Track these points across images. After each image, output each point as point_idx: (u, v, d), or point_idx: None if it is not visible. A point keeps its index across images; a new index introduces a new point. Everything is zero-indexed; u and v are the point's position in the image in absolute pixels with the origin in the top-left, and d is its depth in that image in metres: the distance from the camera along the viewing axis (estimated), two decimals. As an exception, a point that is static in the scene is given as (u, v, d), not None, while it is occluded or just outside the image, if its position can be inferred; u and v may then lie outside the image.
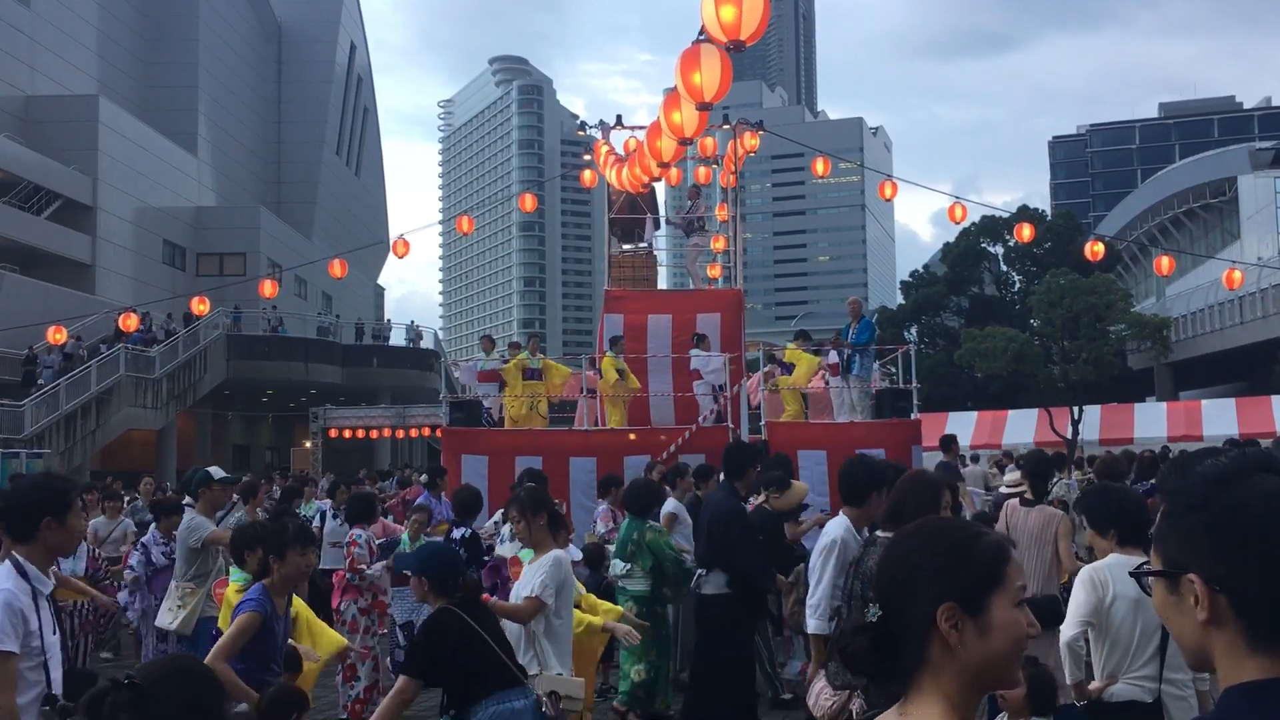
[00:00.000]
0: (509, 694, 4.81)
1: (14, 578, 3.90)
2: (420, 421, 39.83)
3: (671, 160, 13.07)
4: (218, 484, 8.51)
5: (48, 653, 3.91)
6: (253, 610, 5.18)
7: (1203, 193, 73.95)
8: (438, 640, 4.87)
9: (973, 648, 1.80)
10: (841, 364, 15.78)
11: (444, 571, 5.00)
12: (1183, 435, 28.86)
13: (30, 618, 3.85)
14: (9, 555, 3.99)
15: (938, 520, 2.09)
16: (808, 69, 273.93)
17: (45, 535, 3.98)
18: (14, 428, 28.71)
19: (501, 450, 14.36)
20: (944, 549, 1.86)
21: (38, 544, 3.98)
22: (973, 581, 1.82)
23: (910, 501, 4.72)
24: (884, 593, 1.89)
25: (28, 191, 39.86)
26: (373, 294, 73.19)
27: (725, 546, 7.55)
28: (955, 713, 1.81)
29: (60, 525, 3.99)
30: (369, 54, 77.75)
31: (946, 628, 1.80)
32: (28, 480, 4.15)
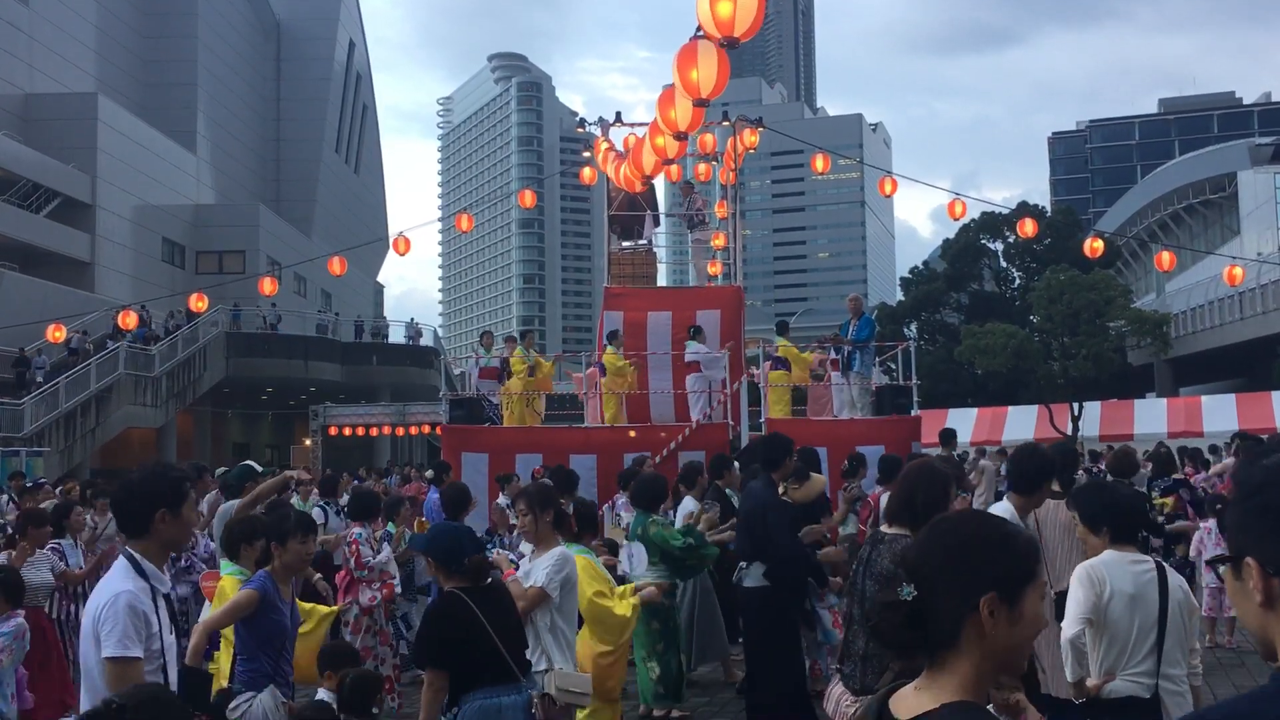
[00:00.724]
0: (498, 689, 4.74)
1: (132, 576, 3.74)
2: (420, 419, 39.83)
3: (674, 158, 13.07)
4: (262, 478, 8.60)
5: (166, 654, 3.76)
6: (253, 588, 5.30)
7: (1202, 188, 73.94)
8: (439, 626, 4.85)
9: (1003, 634, 1.97)
10: (842, 361, 15.78)
11: (449, 551, 4.97)
12: (1182, 431, 28.85)
13: (152, 619, 3.70)
14: (124, 552, 3.84)
15: (979, 514, 2.27)
16: (807, 65, 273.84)
17: (159, 529, 3.81)
18: (13, 426, 28.71)
19: (501, 448, 14.37)
20: (990, 542, 2.04)
21: (152, 539, 3.81)
22: (1013, 574, 2.00)
23: (920, 495, 4.68)
24: (921, 574, 2.03)
25: (27, 189, 39.84)
26: (372, 291, 73.20)
27: (764, 538, 7.49)
28: (973, 690, 1.98)
29: (175, 518, 3.83)
30: (368, 51, 77.74)
31: (986, 614, 1.96)
32: (139, 472, 3.96)
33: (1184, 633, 4.54)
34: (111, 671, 3.58)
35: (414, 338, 50.16)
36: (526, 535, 6.19)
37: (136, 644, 3.60)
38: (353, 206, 72.04)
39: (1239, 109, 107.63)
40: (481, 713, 4.72)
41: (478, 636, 4.72)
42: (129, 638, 3.59)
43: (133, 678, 3.58)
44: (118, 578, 3.75)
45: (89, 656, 3.68)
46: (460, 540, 5.04)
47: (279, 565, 5.42)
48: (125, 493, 3.90)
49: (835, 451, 13.01)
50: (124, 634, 3.59)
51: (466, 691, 4.78)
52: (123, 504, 3.89)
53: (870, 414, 15.36)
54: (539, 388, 16.28)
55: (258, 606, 5.26)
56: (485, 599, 4.85)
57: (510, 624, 4.91)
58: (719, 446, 13.97)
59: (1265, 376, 41.80)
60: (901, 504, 4.74)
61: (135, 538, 3.82)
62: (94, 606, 3.70)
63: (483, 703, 4.73)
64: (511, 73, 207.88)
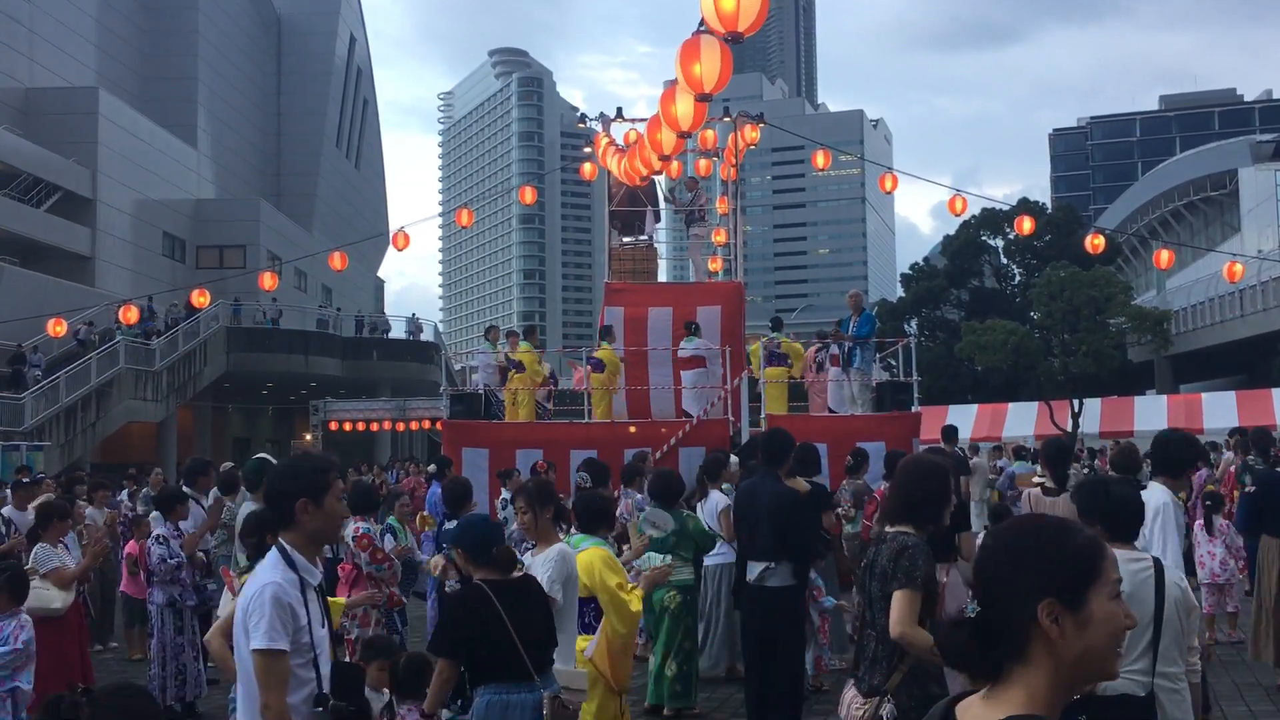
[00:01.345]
0: (510, 687, 4.73)
1: (282, 568, 3.70)
2: (420, 414, 39.87)
3: (673, 153, 13.06)
4: None
5: (317, 648, 3.72)
6: None
7: (1203, 185, 73.91)
8: (457, 618, 4.86)
9: (1072, 641, 1.88)
10: (842, 357, 15.78)
11: (477, 542, 5.00)
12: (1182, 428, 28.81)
13: (300, 612, 3.65)
14: (276, 543, 3.82)
15: (1032, 518, 2.11)
16: (808, 61, 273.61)
17: (303, 520, 3.75)
18: (14, 420, 28.71)
19: (502, 443, 14.37)
20: (1041, 546, 1.93)
21: (298, 530, 3.77)
22: (1071, 577, 1.90)
23: (919, 492, 4.62)
24: (982, 589, 1.96)
25: (27, 184, 39.80)
26: (373, 287, 73.18)
27: (794, 535, 7.37)
28: (1043, 703, 1.89)
29: (317, 509, 3.76)
30: (369, 46, 77.65)
31: (1048, 623, 1.87)
32: (283, 462, 3.97)
33: (1181, 631, 4.53)
34: (259, 664, 3.58)
35: (414, 333, 50.18)
36: (526, 532, 6.18)
37: (283, 636, 3.57)
38: (353, 201, 72.01)
39: (1240, 106, 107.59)
40: (489, 709, 4.72)
41: (495, 631, 4.70)
42: (275, 630, 3.56)
43: (280, 671, 3.57)
44: (267, 569, 3.73)
45: (241, 649, 3.70)
46: (487, 533, 5.07)
47: None
48: (270, 484, 3.93)
49: (835, 447, 13.01)
50: (270, 626, 3.56)
51: (479, 685, 4.79)
52: (269, 495, 3.90)
53: (871, 410, 15.37)
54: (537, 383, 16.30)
55: None
56: (510, 593, 4.83)
57: (534, 621, 4.85)
58: (719, 442, 13.97)
59: (1265, 373, 41.81)
60: (900, 502, 4.69)
61: (283, 529, 3.81)
62: (244, 598, 3.70)
63: (491, 698, 4.73)
64: (512, 68, 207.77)
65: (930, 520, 4.64)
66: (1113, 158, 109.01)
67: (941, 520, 4.75)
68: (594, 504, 6.72)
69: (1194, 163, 76.56)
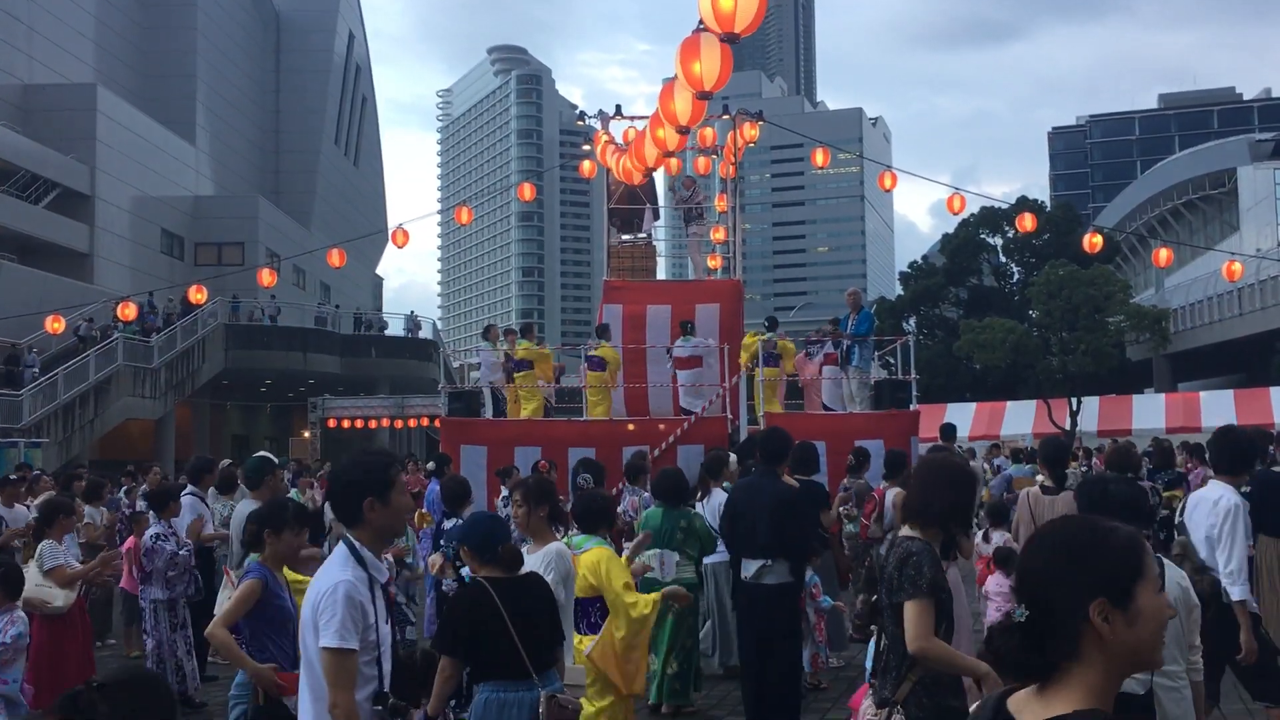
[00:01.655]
0: (508, 685, 4.72)
1: (352, 565, 3.66)
2: (419, 411, 39.88)
3: (674, 150, 13.07)
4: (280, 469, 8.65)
5: (382, 645, 3.70)
6: (254, 578, 5.46)
7: (1202, 184, 73.90)
8: (457, 615, 4.86)
9: (1123, 637, 1.95)
10: (840, 355, 15.79)
11: (482, 539, 4.99)
12: (1181, 427, 28.87)
13: (369, 610, 3.63)
14: (342, 539, 3.78)
15: (1073, 520, 2.15)
16: (807, 59, 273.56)
17: (370, 518, 3.72)
18: (12, 417, 28.69)
19: (500, 440, 14.37)
20: (1087, 547, 1.99)
21: (365, 527, 3.74)
22: (1119, 575, 1.96)
23: (935, 496, 4.44)
24: (1030, 593, 2.02)
25: (25, 180, 39.76)
26: (371, 284, 73.17)
27: (792, 534, 7.37)
28: (1100, 697, 1.96)
29: (384, 505, 3.73)
30: (367, 43, 77.63)
31: (1099, 621, 1.94)
32: (348, 459, 3.92)
33: (1182, 629, 4.54)
34: (329, 662, 3.55)
35: (413, 330, 50.17)
36: (520, 526, 6.17)
37: (353, 635, 3.55)
38: (352, 199, 71.98)
39: (1239, 105, 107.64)
40: (486, 707, 4.72)
41: (495, 629, 4.69)
42: (346, 629, 3.53)
43: (350, 670, 3.55)
44: (337, 565, 3.68)
45: (309, 645, 3.65)
46: (492, 531, 5.07)
47: (269, 554, 5.59)
48: (336, 482, 3.89)
49: (834, 446, 13.01)
50: (342, 624, 3.53)
51: (479, 682, 4.80)
52: (334, 493, 3.88)
53: (869, 408, 15.37)
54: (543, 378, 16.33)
55: (261, 595, 5.38)
56: (513, 590, 4.81)
57: (537, 619, 4.83)
58: (718, 440, 13.98)
59: (1264, 372, 41.85)
60: (920, 504, 4.49)
61: (349, 526, 3.77)
62: (314, 594, 3.66)
63: (489, 696, 4.73)
64: (511, 65, 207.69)
65: (950, 525, 4.48)
66: (1112, 156, 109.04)
67: (967, 526, 4.68)
68: (595, 503, 6.71)
69: (1193, 161, 76.55)
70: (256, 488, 8.37)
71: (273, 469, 8.58)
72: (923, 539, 4.36)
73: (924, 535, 4.38)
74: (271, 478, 8.44)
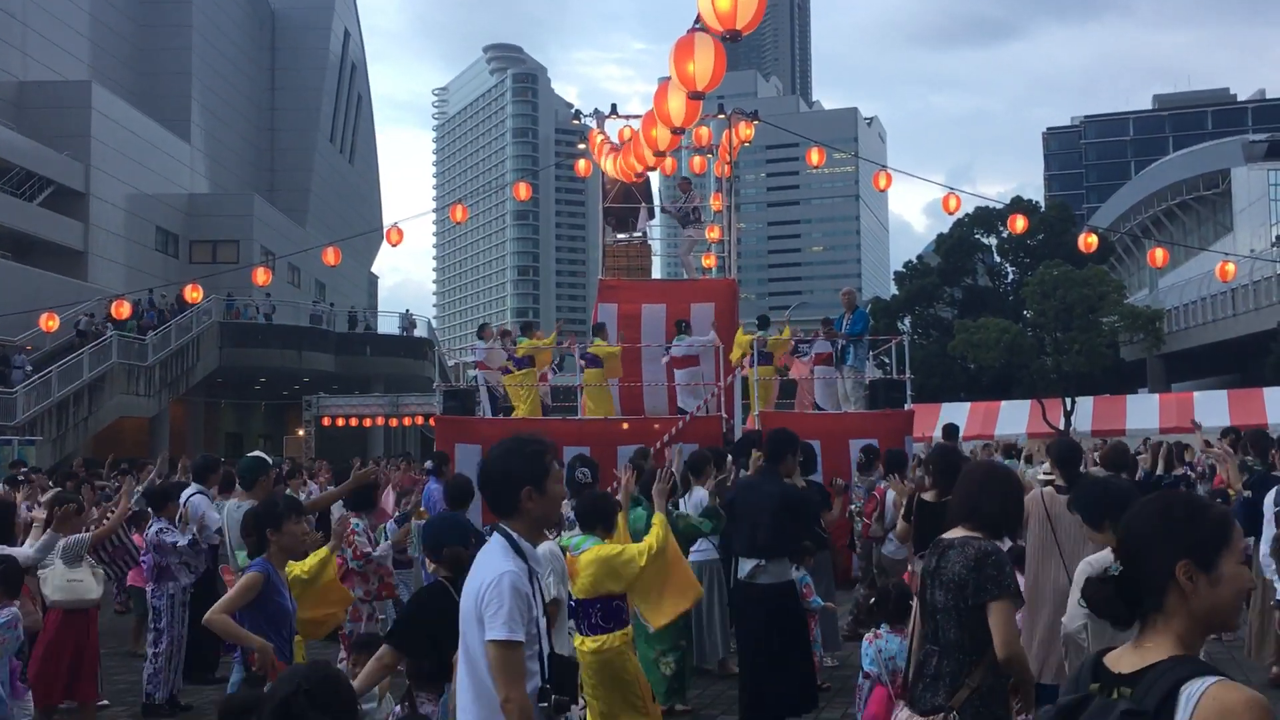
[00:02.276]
0: None
1: (512, 556, 3.51)
2: (414, 410, 39.88)
3: (667, 150, 13.08)
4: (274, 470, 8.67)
5: (541, 638, 3.57)
6: (257, 570, 5.51)
7: (1196, 185, 74.05)
8: (417, 614, 4.85)
9: (1204, 596, 2.26)
10: (835, 354, 15.82)
11: (433, 540, 5.01)
12: (1174, 427, 28.87)
13: (533, 602, 3.50)
14: (498, 528, 3.63)
15: (1174, 493, 2.51)
16: (802, 59, 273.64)
17: (528, 507, 3.59)
18: (6, 414, 28.64)
19: (495, 439, 14.32)
20: (1182, 516, 2.32)
21: (523, 517, 3.60)
22: (1207, 542, 2.28)
23: (985, 500, 4.30)
24: (1127, 550, 2.37)
25: (20, 177, 39.72)
26: (366, 282, 73.11)
27: (793, 534, 7.38)
28: (1186, 646, 2.27)
29: (541, 495, 3.61)
30: (363, 41, 77.57)
31: (1184, 580, 2.26)
32: (500, 447, 3.72)
33: None
34: (497, 656, 3.41)
35: (408, 329, 50.15)
36: None
37: (520, 627, 3.40)
38: (347, 197, 71.94)
39: (1233, 106, 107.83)
40: (447, 707, 4.70)
41: (456, 628, 4.67)
42: (514, 620, 3.39)
43: (519, 663, 3.42)
44: (499, 556, 3.53)
45: (471, 640, 3.51)
46: (442, 530, 5.05)
47: (275, 549, 5.63)
48: (492, 472, 3.70)
49: (829, 445, 13.04)
50: (510, 617, 3.39)
51: (446, 682, 4.76)
52: (488, 485, 3.70)
53: (864, 407, 15.41)
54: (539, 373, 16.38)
55: (261, 589, 5.42)
56: None
57: None
58: (712, 439, 13.99)
59: (1257, 373, 41.91)
60: (968, 509, 4.34)
61: (505, 516, 3.64)
62: (477, 586, 3.51)
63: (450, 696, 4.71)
64: (507, 64, 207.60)
65: (1005, 532, 4.37)
66: (1106, 157, 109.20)
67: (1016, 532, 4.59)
68: (601, 504, 6.71)
69: (1187, 162, 76.69)
70: (251, 487, 8.37)
71: (267, 469, 8.57)
72: (987, 539, 4.20)
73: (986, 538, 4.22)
74: (265, 477, 8.44)
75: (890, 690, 5.80)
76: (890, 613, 6.01)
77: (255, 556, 5.71)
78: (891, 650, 5.87)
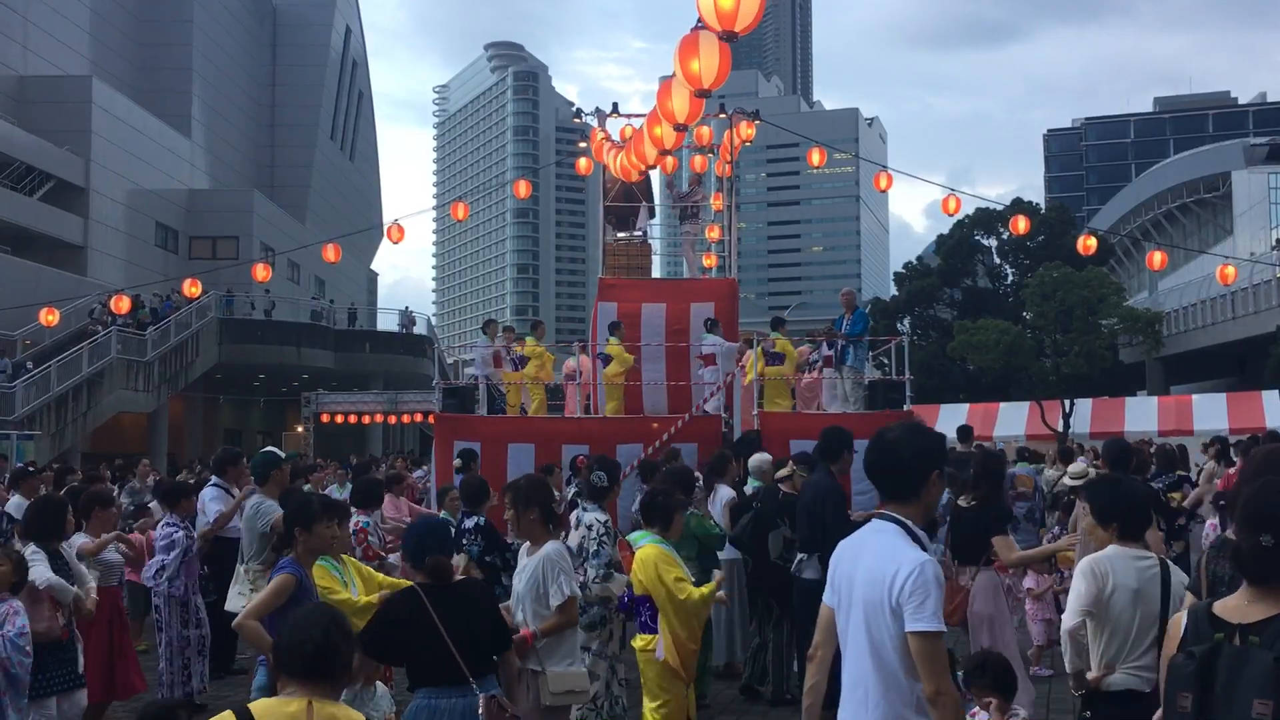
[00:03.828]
0: (441, 692, 4.66)
1: (916, 545, 3.44)
2: (412, 407, 39.84)
3: (672, 147, 13.06)
4: (287, 464, 8.62)
5: None
6: (288, 572, 5.46)
7: (1196, 188, 74.09)
8: (387, 620, 4.79)
9: None
10: (835, 355, 15.80)
11: (415, 547, 4.94)
12: (1173, 430, 28.89)
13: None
14: (888, 516, 3.54)
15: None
16: (804, 59, 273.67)
17: (930, 492, 3.55)
18: (4, 409, 28.60)
19: (493, 437, 14.32)
20: None
21: (918, 504, 3.54)
22: None
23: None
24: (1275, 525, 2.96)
25: (20, 172, 39.69)
26: (366, 279, 73.09)
27: (826, 529, 7.48)
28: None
29: (941, 480, 3.57)
30: (364, 38, 77.51)
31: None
32: (900, 432, 3.60)
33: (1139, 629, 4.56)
34: (923, 647, 3.31)
35: (407, 326, 50.12)
36: (513, 530, 6.17)
37: (941, 618, 3.33)
38: (347, 194, 71.91)
39: (1234, 109, 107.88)
40: (416, 713, 4.67)
41: (427, 635, 4.63)
42: (939, 610, 3.32)
43: (943, 654, 3.35)
44: (905, 545, 3.44)
45: (879, 628, 3.41)
46: (425, 538, 4.98)
47: (303, 550, 5.60)
48: (895, 458, 3.57)
49: (828, 445, 12.99)
50: (936, 606, 3.31)
51: (416, 688, 4.76)
52: (893, 470, 3.58)
53: (863, 408, 15.38)
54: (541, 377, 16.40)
55: (293, 591, 5.39)
56: (445, 598, 4.74)
57: (473, 625, 4.76)
58: (713, 438, 13.97)
59: (1256, 376, 41.89)
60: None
61: (902, 504, 3.54)
62: (889, 574, 3.39)
63: (421, 703, 4.68)
64: (508, 62, 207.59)
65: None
66: (1107, 159, 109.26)
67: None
68: (659, 501, 6.73)
69: (1188, 165, 76.72)
70: (264, 483, 8.34)
71: (279, 463, 8.54)
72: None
73: None
74: (278, 472, 8.41)
75: None
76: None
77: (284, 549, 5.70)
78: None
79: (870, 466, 3.62)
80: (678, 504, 6.78)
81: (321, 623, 3.16)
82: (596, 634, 7.07)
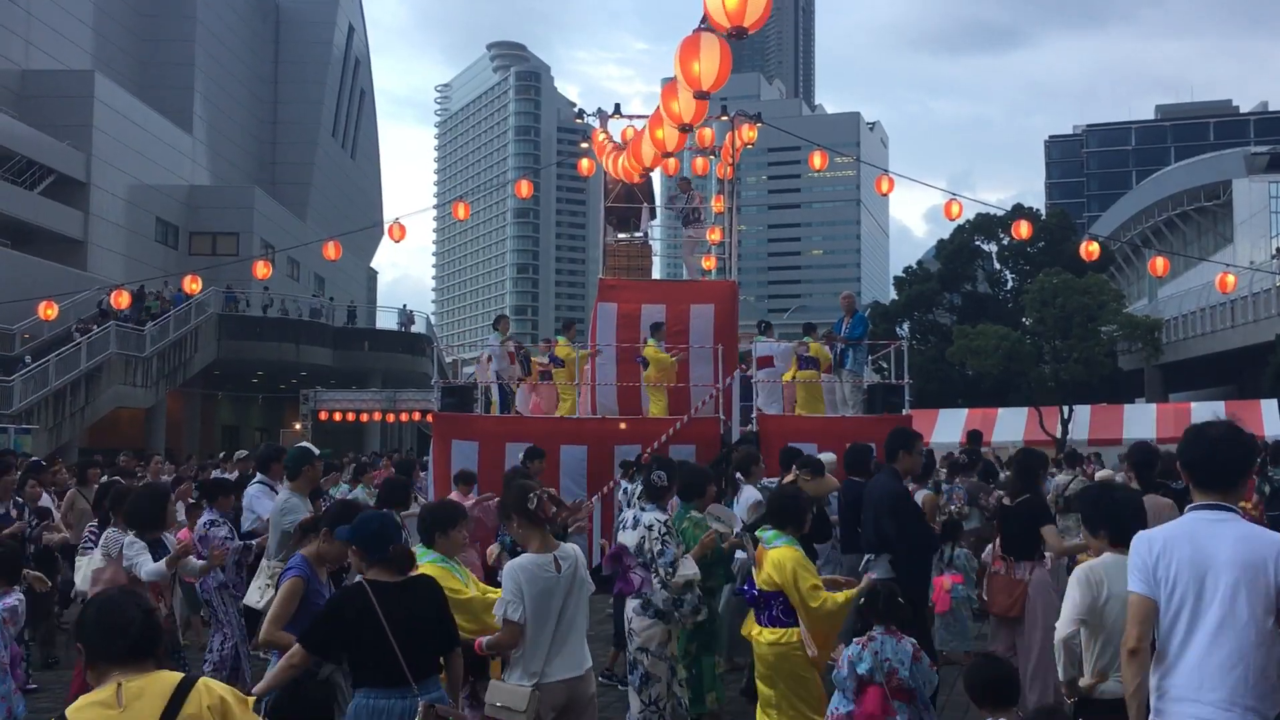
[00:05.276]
0: (384, 692, 4.54)
1: None
2: (411, 406, 39.85)
3: (674, 149, 13.06)
4: (319, 461, 8.60)
5: None
6: (296, 575, 5.44)
7: (1197, 195, 74.10)
8: (331, 616, 4.67)
9: None
10: (834, 358, 15.81)
11: (370, 539, 4.77)
12: (1171, 437, 28.87)
13: None
14: (1225, 507, 3.80)
15: None
16: (806, 62, 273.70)
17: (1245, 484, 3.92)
18: (2, 403, 28.59)
19: (492, 436, 14.33)
20: None
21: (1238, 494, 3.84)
22: None
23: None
24: None
25: (21, 166, 39.68)
26: (365, 277, 73.08)
27: (889, 531, 7.47)
28: None
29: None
30: (366, 36, 77.49)
31: None
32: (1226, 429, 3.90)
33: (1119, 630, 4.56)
34: None
35: (406, 324, 50.11)
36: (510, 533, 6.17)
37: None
38: (348, 191, 71.89)
39: (1235, 117, 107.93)
40: (358, 712, 4.57)
41: (371, 634, 4.51)
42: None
43: None
44: (1263, 530, 3.73)
45: (1260, 606, 3.60)
46: (381, 531, 4.85)
47: (315, 552, 5.59)
48: (1230, 455, 3.83)
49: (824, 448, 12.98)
50: None
51: (358, 688, 4.65)
52: (1232, 464, 3.84)
53: (861, 412, 15.38)
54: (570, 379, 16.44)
55: (304, 593, 5.38)
56: (397, 594, 4.62)
57: (421, 625, 4.64)
58: (710, 440, 13.98)
59: (1255, 384, 41.91)
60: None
61: (1227, 493, 3.82)
62: (1268, 555, 3.63)
63: (363, 702, 4.57)
64: (510, 62, 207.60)
65: None
66: (1108, 166, 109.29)
67: None
68: (788, 502, 6.79)
69: (1188, 173, 76.75)
70: (295, 478, 8.27)
71: (311, 459, 8.46)
72: None
73: None
74: (310, 468, 8.35)
75: (885, 689, 5.79)
76: (880, 614, 5.97)
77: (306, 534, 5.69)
78: (887, 653, 5.85)
79: (1198, 462, 3.88)
80: (807, 504, 6.91)
81: (132, 604, 3.25)
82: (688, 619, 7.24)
